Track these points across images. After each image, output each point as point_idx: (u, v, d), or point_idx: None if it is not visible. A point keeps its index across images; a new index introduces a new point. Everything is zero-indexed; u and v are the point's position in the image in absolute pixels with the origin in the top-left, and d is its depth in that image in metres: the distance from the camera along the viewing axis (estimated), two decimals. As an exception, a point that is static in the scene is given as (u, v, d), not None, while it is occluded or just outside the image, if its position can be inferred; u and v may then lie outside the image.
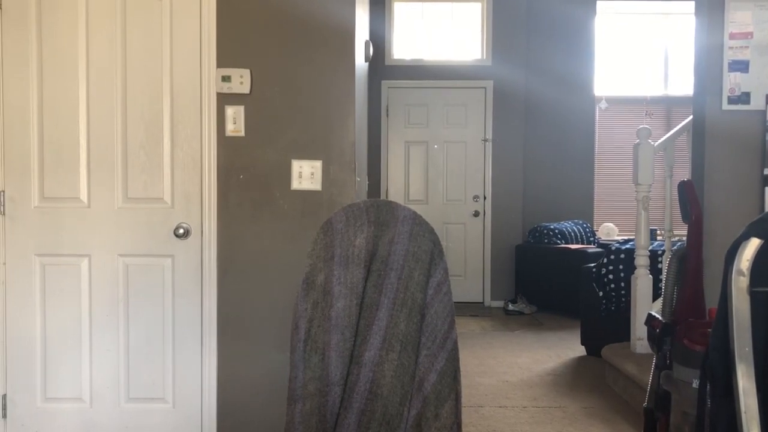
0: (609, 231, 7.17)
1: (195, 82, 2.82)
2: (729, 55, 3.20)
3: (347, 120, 2.84)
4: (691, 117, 3.69)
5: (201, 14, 2.82)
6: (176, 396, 2.88)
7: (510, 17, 6.93)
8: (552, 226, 6.71)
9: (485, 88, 6.93)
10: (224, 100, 2.82)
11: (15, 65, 2.82)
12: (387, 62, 6.93)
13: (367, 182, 3.90)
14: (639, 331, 3.87)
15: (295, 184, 2.84)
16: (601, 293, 4.59)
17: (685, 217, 2.62)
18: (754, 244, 1.24)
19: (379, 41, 6.74)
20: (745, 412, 1.20)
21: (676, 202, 2.74)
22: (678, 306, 2.48)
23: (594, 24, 7.20)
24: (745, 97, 3.20)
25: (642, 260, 3.98)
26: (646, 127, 3.95)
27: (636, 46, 7.43)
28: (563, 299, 6.24)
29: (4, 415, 2.88)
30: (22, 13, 2.81)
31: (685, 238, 2.66)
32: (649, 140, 3.93)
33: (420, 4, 7.12)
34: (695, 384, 2.09)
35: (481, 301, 6.99)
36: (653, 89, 7.39)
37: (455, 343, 1.30)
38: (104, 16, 2.82)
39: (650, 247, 4.20)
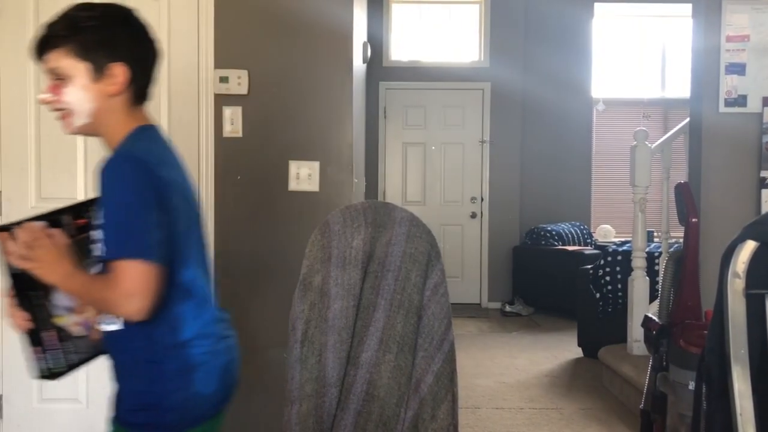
0: (606, 233, 7.17)
1: (193, 82, 2.82)
2: (726, 58, 3.21)
3: (345, 121, 2.84)
4: (688, 119, 3.70)
5: (199, 15, 2.81)
6: (173, 397, 2.87)
7: (508, 19, 6.94)
8: (549, 228, 6.72)
9: (483, 89, 6.93)
10: (222, 101, 2.82)
11: (12, 64, 2.81)
12: (385, 64, 6.93)
13: (365, 183, 3.90)
14: (636, 332, 3.88)
15: (293, 185, 2.83)
16: (598, 295, 4.60)
17: (682, 219, 2.62)
18: (750, 246, 1.24)
19: (376, 42, 6.74)
20: (740, 414, 1.20)
21: (673, 205, 2.75)
22: (674, 308, 2.48)
23: (592, 26, 7.21)
24: (741, 100, 3.21)
25: (639, 262, 3.99)
26: (644, 129, 3.96)
27: (633, 49, 7.44)
28: (560, 301, 6.24)
29: (0, 416, 2.87)
30: (20, 12, 2.80)
31: (681, 240, 2.66)
32: (647, 142, 3.94)
33: (418, 5, 7.12)
34: (691, 386, 2.09)
35: (479, 302, 6.99)
36: (650, 91, 7.40)
37: (452, 344, 1.30)
38: (102, 16, 2.81)
39: (647, 249, 4.20)
